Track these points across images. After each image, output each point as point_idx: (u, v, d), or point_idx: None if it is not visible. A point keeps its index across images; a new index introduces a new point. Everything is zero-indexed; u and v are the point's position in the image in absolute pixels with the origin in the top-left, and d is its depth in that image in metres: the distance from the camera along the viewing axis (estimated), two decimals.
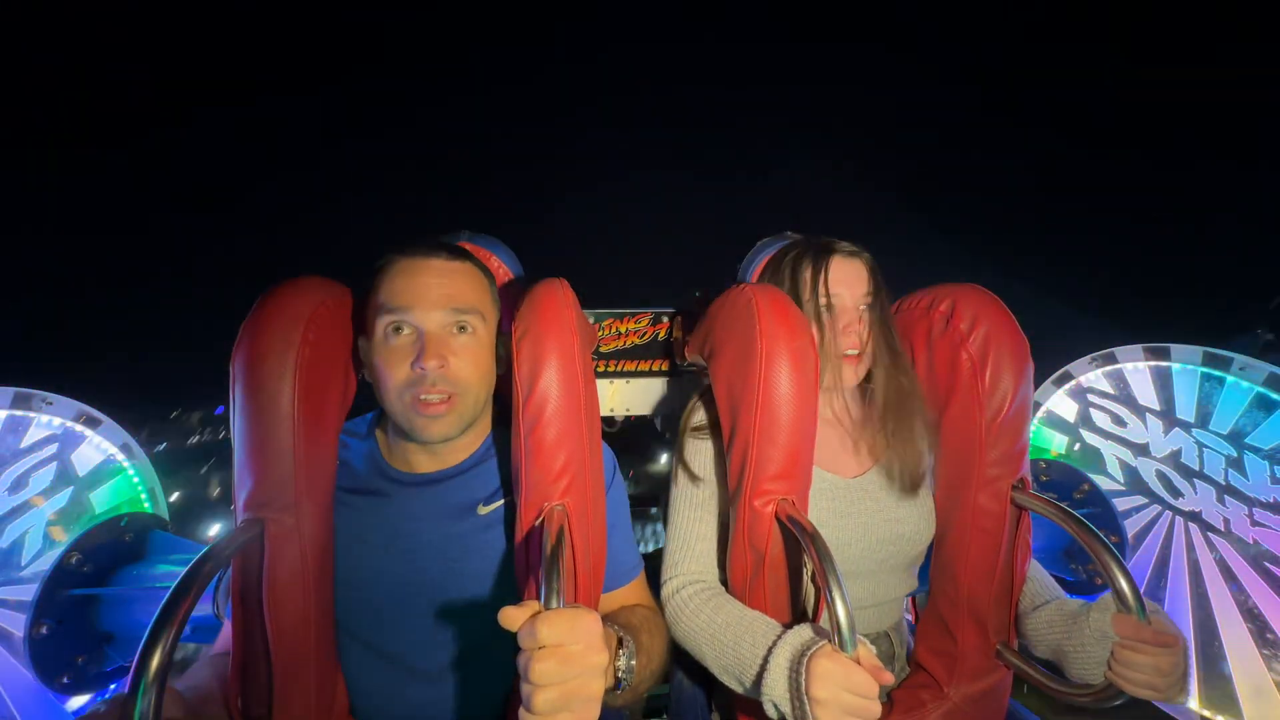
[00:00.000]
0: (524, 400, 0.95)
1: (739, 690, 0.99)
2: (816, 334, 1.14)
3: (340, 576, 1.01)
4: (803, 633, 0.91)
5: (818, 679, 0.82)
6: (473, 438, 1.11)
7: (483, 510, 1.04)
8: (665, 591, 1.13)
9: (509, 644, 1.06)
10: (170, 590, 0.75)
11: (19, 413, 1.54)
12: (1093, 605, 1.03)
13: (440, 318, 0.99)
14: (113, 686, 1.41)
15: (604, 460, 1.09)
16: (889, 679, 0.83)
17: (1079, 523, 0.98)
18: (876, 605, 1.22)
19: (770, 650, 0.92)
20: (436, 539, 1.02)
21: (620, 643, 0.91)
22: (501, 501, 1.06)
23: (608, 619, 1.01)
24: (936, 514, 1.21)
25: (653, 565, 1.18)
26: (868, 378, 1.22)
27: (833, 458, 1.21)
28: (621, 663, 0.89)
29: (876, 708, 0.81)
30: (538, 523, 0.92)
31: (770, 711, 0.89)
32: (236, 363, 0.93)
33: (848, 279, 1.15)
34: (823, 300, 1.15)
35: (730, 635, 1.00)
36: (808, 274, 1.16)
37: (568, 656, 0.69)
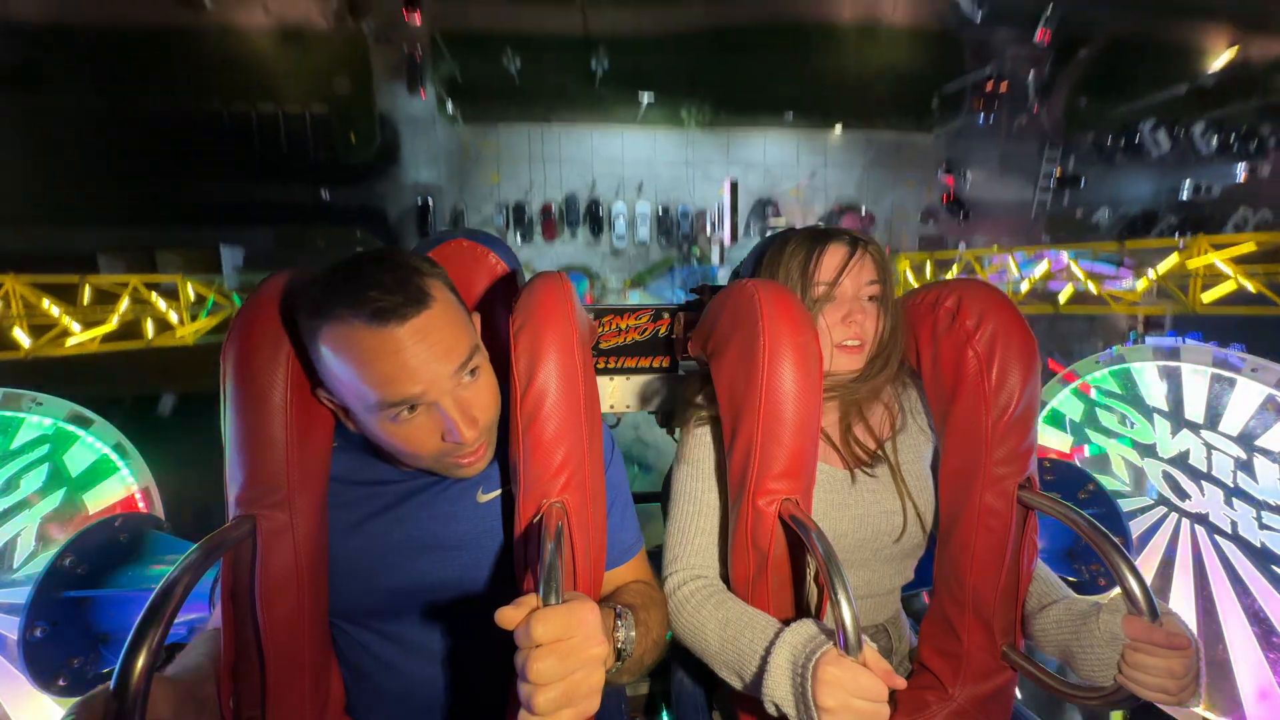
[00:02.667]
0: (522, 394, 0.94)
1: (740, 687, 0.98)
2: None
3: (338, 566, 1.00)
4: (802, 630, 0.91)
5: (825, 686, 0.80)
6: None
7: (482, 498, 1.04)
8: (667, 587, 1.12)
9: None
10: (155, 590, 0.74)
11: (8, 413, 1.52)
12: (1103, 606, 1.02)
13: (452, 385, 0.88)
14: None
15: (605, 443, 1.08)
16: (900, 683, 0.83)
17: (1088, 522, 0.97)
18: (872, 596, 1.22)
19: (770, 648, 0.91)
20: (435, 527, 1.02)
21: (618, 615, 0.90)
22: (500, 491, 1.05)
23: (604, 599, 1.01)
24: (942, 513, 1.20)
25: (654, 561, 1.18)
26: None
27: (830, 449, 1.20)
28: (621, 634, 0.89)
29: (886, 711, 0.80)
30: (536, 519, 0.91)
31: (771, 710, 0.89)
32: (227, 356, 0.92)
33: (850, 267, 1.14)
34: (819, 289, 1.14)
35: (731, 632, 1.00)
36: (803, 261, 1.16)
37: (567, 651, 0.68)
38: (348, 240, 12.44)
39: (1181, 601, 1.86)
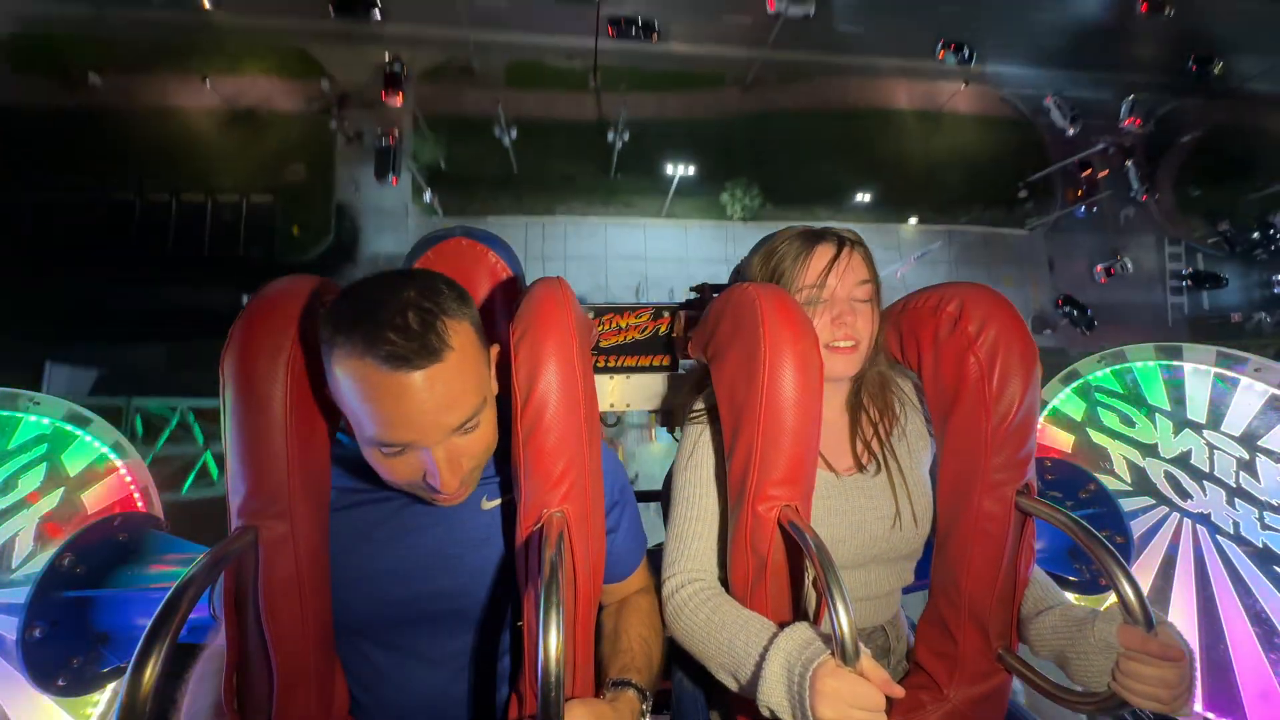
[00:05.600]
0: (523, 403, 0.94)
1: (735, 690, 0.99)
2: None
3: (342, 574, 1.00)
4: (796, 636, 0.91)
5: (824, 698, 0.81)
6: None
7: (486, 505, 1.04)
8: (665, 590, 1.13)
9: (509, 635, 1.06)
10: (162, 602, 0.74)
11: (6, 412, 1.53)
12: (1099, 614, 1.02)
13: (445, 439, 0.87)
14: (108, 688, 1.41)
15: (611, 464, 1.09)
16: (899, 692, 0.83)
17: (1085, 530, 0.97)
18: (871, 599, 1.22)
19: (764, 653, 0.92)
20: (439, 534, 1.02)
21: (643, 699, 0.98)
22: (501, 500, 1.05)
23: (608, 641, 1.07)
24: (940, 517, 1.20)
25: (654, 561, 1.19)
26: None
27: (827, 453, 1.20)
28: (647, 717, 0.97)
29: None
30: (537, 529, 0.92)
31: (767, 715, 0.89)
32: (226, 365, 0.91)
33: (838, 268, 1.13)
34: (810, 290, 1.14)
35: (726, 635, 1.00)
36: (795, 262, 1.15)
37: None
38: None
39: (1183, 601, 1.85)
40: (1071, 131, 11.81)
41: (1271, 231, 12.20)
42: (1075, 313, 12.60)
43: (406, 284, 0.85)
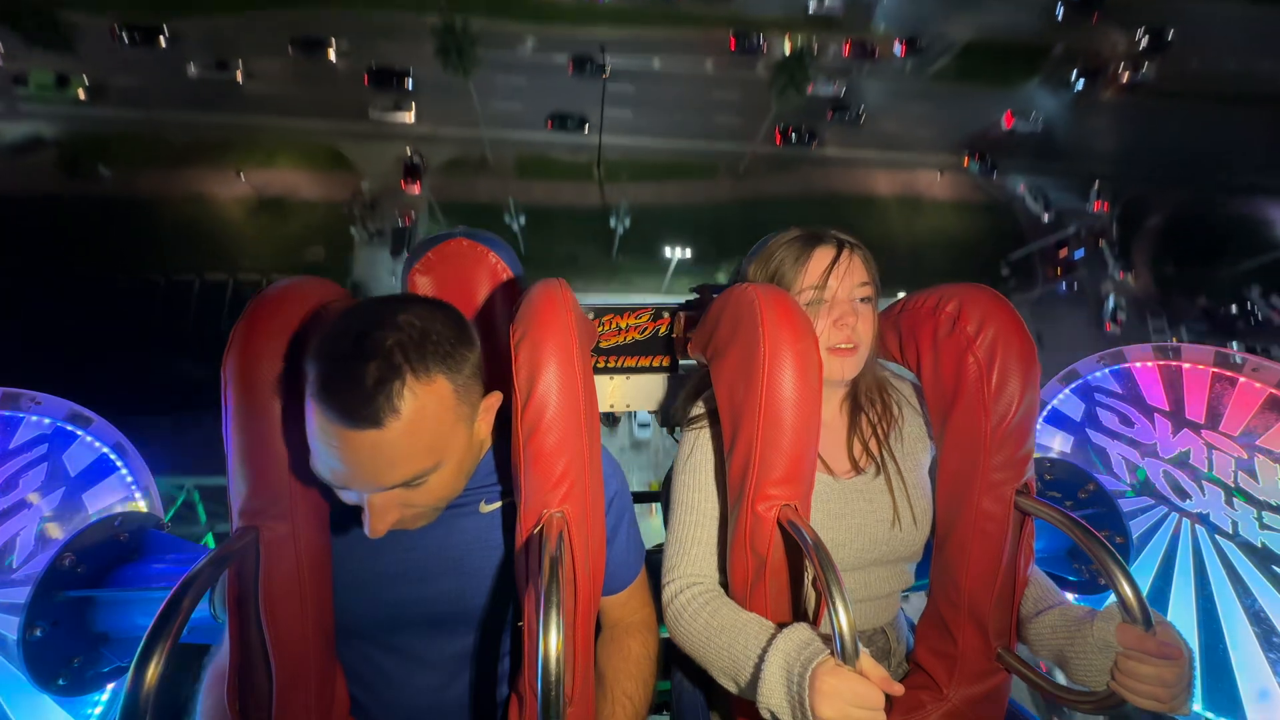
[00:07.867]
0: (523, 405, 0.94)
1: (736, 692, 0.99)
2: None
3: (342, 575, 1.01)
4: (794, 637, 0.91)
5: (824, 697, 0.81)
6: None
7: (485, 509, 1.04)
8: (666, 595, 1.12)
9: (509, 637, 1.06)
10: (164, 602, 0.75)
11: (7, 412, 1.53)
12: (1098, 614, 1.02)
13: (380, 493, 0.85)
14: (109, 688, 1.41)
15: (610, 468, 1.09)
16: (899, 690, 0.83)
17: (1084, 530, 0.97)
18: (871, 600, 1.21)
19: (763, 655, 0.92)
20: (438, 536, 1.02)
21: None
22: (501, 503, 1.05)
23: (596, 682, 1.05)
24: (939, 516, 1.20)
25: (653, 561, 1.19)
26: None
27: (826, 456, 1.20)
28: None
29: (883, 718, 0.81)
30: (537, 530, 0.92)
31: (767, 716, 0.89)
32: (228, 367, 0.92)
33: (838, 270, 1.13)
34: (811, 292, 1.14)
35: (725, 639, 1.00)
36: (794, 264, 1.15)
37: None
38: None
39: (1181, 601, 1.85)
40: (1047, 217, 12.31)
41: (1249, 306, 12.72)
42: None
43: (392, 327, 0.82)
